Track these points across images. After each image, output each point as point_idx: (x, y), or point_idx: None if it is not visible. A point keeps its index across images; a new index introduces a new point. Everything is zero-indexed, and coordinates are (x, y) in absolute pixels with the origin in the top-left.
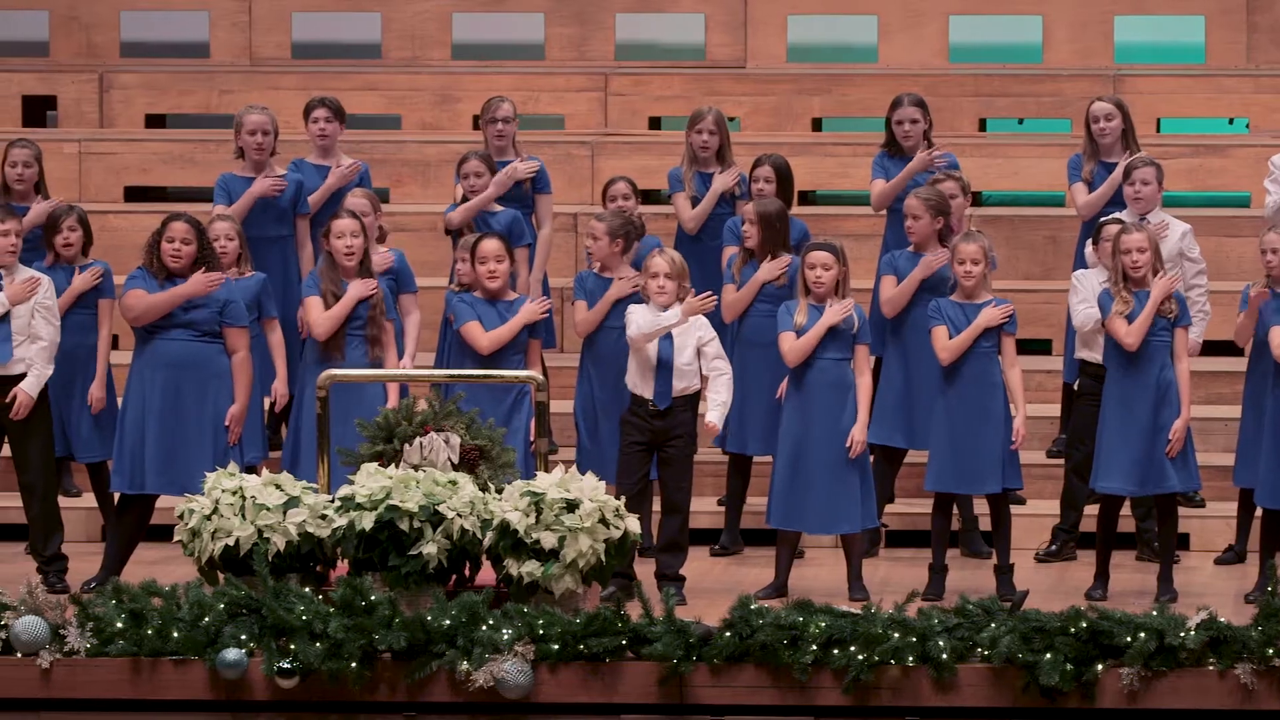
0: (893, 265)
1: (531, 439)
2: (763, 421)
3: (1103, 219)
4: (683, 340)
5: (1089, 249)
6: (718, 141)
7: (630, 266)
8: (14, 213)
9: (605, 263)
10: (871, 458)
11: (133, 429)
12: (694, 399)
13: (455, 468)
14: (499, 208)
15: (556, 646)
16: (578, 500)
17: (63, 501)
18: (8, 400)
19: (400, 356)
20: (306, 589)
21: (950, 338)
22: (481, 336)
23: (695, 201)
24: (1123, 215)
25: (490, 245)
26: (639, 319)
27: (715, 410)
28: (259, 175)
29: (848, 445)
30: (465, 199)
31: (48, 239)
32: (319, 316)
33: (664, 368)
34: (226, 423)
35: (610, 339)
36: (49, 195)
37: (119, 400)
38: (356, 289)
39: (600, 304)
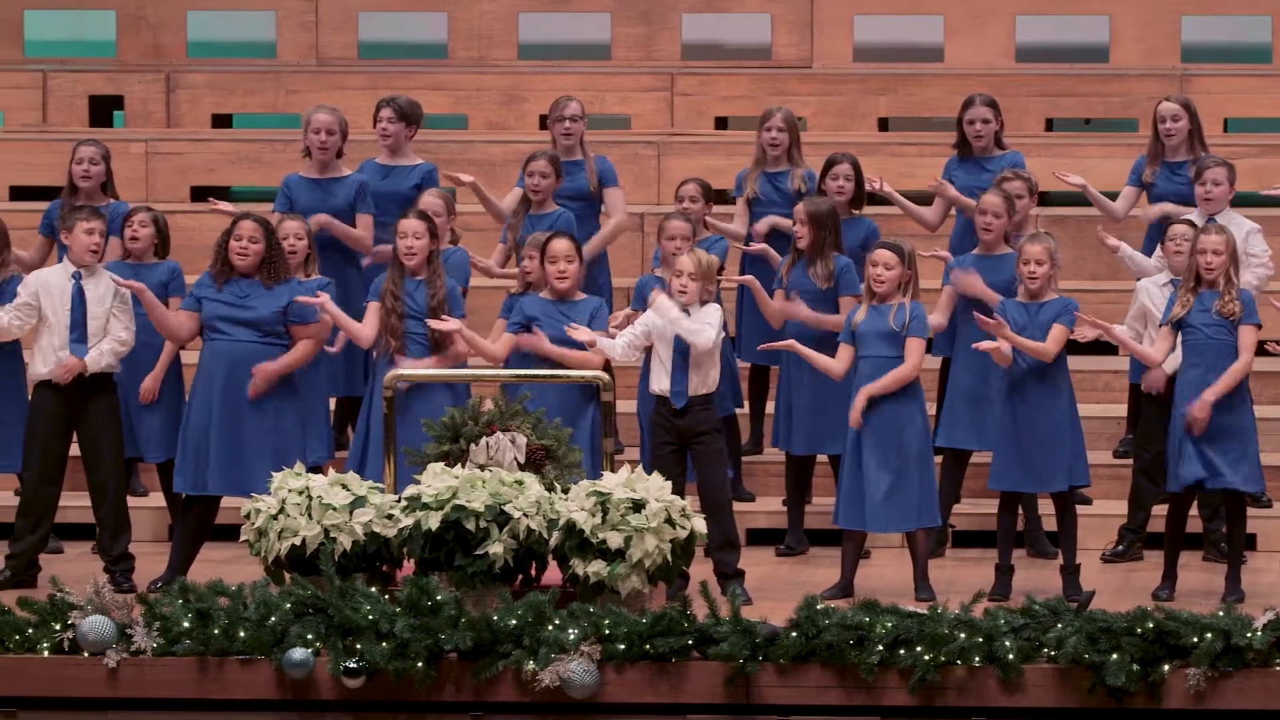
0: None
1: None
2: (810, 421)
3: (1173, 219)
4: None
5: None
6: (787, 140)
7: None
8: (99, 214)
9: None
10: (939, 459)
11: (196, 430)
12: (714, 396)
13: (521, 467)
14: (554, 207)
15: (622, 646)
16: (644, 500)
17: (130, 501)
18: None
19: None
20: (373, 589)
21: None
22: (499, 348)
23: (755, 202)
24: (1192, 216)
25: (561, 245)
26: (663, 312)
27: (609, 338)
28: (322, 175)
29: (852, 414)
30: (525, 198)
31: (120, 233)
32: (355, 329)
33: (679, 368)
34: (252, 372)
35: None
36: (117, 195)
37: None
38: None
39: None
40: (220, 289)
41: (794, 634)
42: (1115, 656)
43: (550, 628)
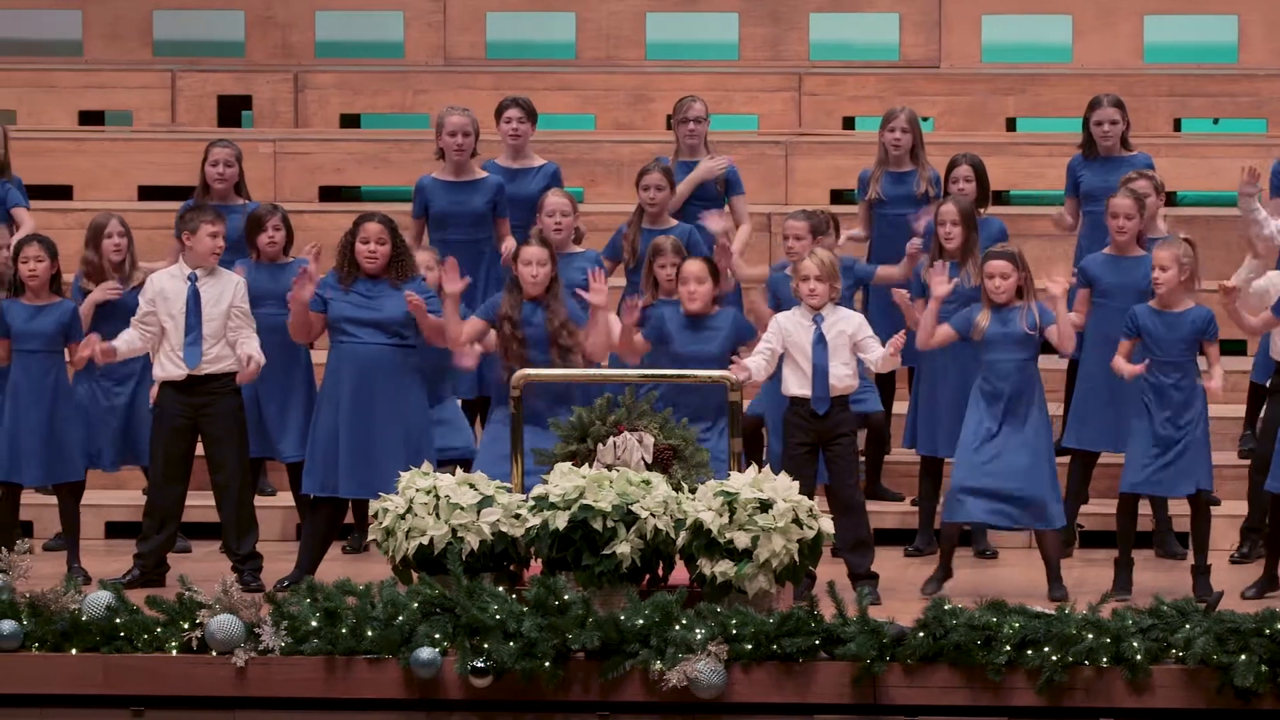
0: (1085, 275)
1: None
2: (950, 423)
3: None
4: (836, 343)
5: None
6: (910, 141)
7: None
8: (222, 215)
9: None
10: (1065, 459)
11: (325, 432)
12: (849, 397)
13: (649, 467)
14: (672, 221)
15: (750, 646)
16: (771, 500)
17: (258, 501)
18: (239, 371)
19: None
20: (500, 588)
21: (1148, 347)
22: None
23: (877, 204)
24: None
25: (694, 267)
26: (786, 324)
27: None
28: (458, 177)
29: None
30: (640, 210)
31: (250, 238)
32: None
33: (819, 374)
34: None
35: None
36: (249, 196)
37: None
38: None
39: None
40: (347, 290)
41: (921, 634)
42: (1244, 658)
43: (677, 627)
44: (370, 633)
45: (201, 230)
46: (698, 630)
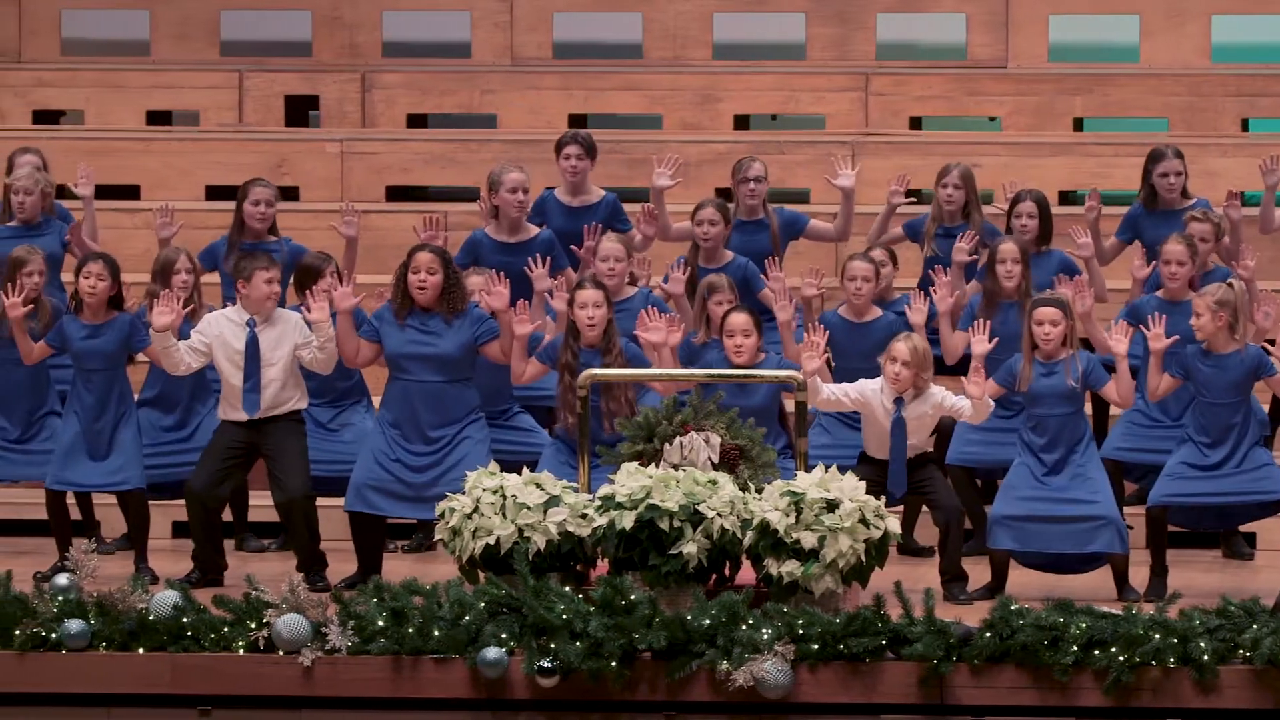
0: (1135, 316)
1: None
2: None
3: None
4: (916, 425)
5: None
6: (963, 197)
7: None
8: (276, 261)
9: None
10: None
11: (380, 456)
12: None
13: (715, 467)
14: (728, 256)
15: (816, 646)
16: (838, 500)
17: (321, 500)
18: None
19: None
20: (567, 588)
21: (1197, 389)
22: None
23: (932, 260)
24: None
25: (739, 320)
26: (870, 398)
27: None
28: (513, 237)
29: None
30: (695, 245)
31: (303, 284)
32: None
33: (896, 458)
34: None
35: (849, 336)
36: (279, 234)
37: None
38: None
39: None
40: (403, 324)
41: (988, 634)
42: None
43: (744, 627)
44: (437, 632)
45: (256, 278)
46: (764, 630)
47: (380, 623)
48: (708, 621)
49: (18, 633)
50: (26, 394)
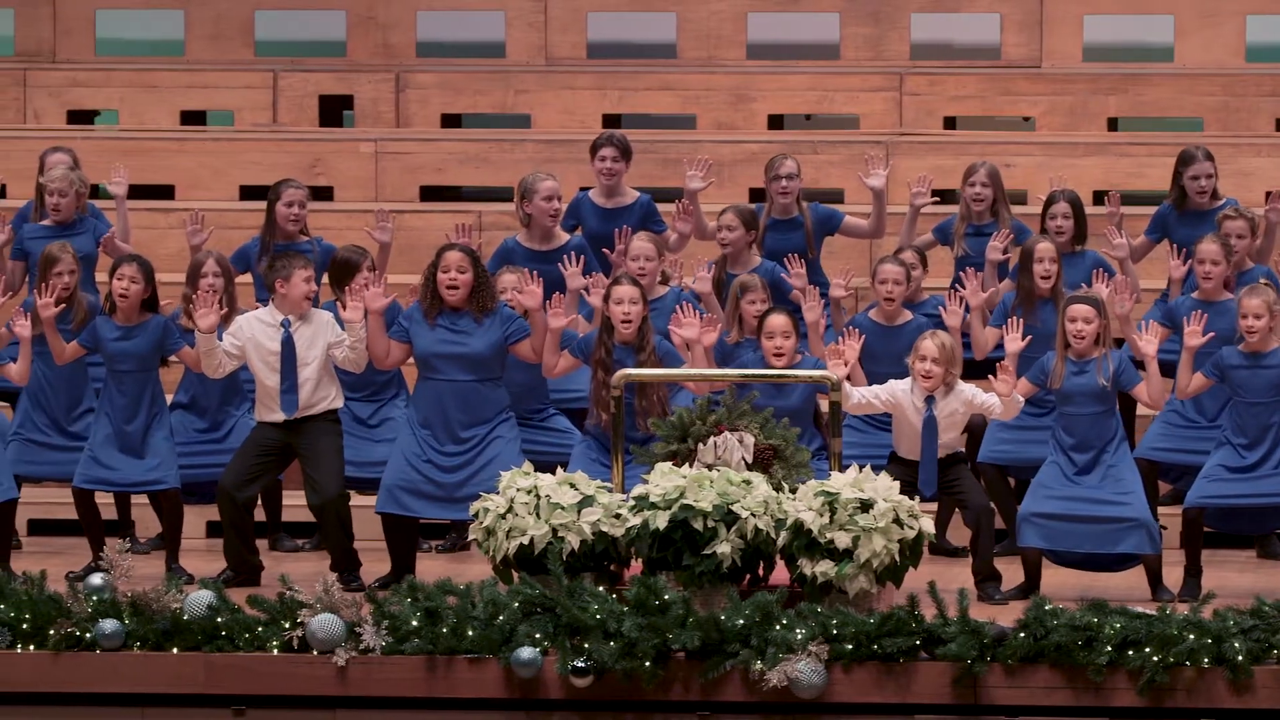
0: (1170, 317)
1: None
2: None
3: None
4: (947, 423)
5: None
6: (991, 195)
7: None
8: (312, 260)
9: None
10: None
11: (412, 458)
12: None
13: (749, 467)
14: (756, 260)
15: (850, 646)
16: (872, 500)
17: (355, 500)
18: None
19: None
20: (601, 588)
21: (1234, 390)
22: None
23: (962, 260)
24: None
25: (779, 322)
26: (901, 398)
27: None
28: (545, 245)
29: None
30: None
31: (339, 280)
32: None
33: (928, 458)
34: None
35: (880, 339)
36: (310, 235)
37: None
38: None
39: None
40: (432, 324)
41: (1022, 634)
42: None
43: (778, 627)
44: (471, 632)
45: (295, 277)
46: (798, 630)
47: (414, 622)
48: (741, 621)
49: (52, 632)
50: (64, 392)
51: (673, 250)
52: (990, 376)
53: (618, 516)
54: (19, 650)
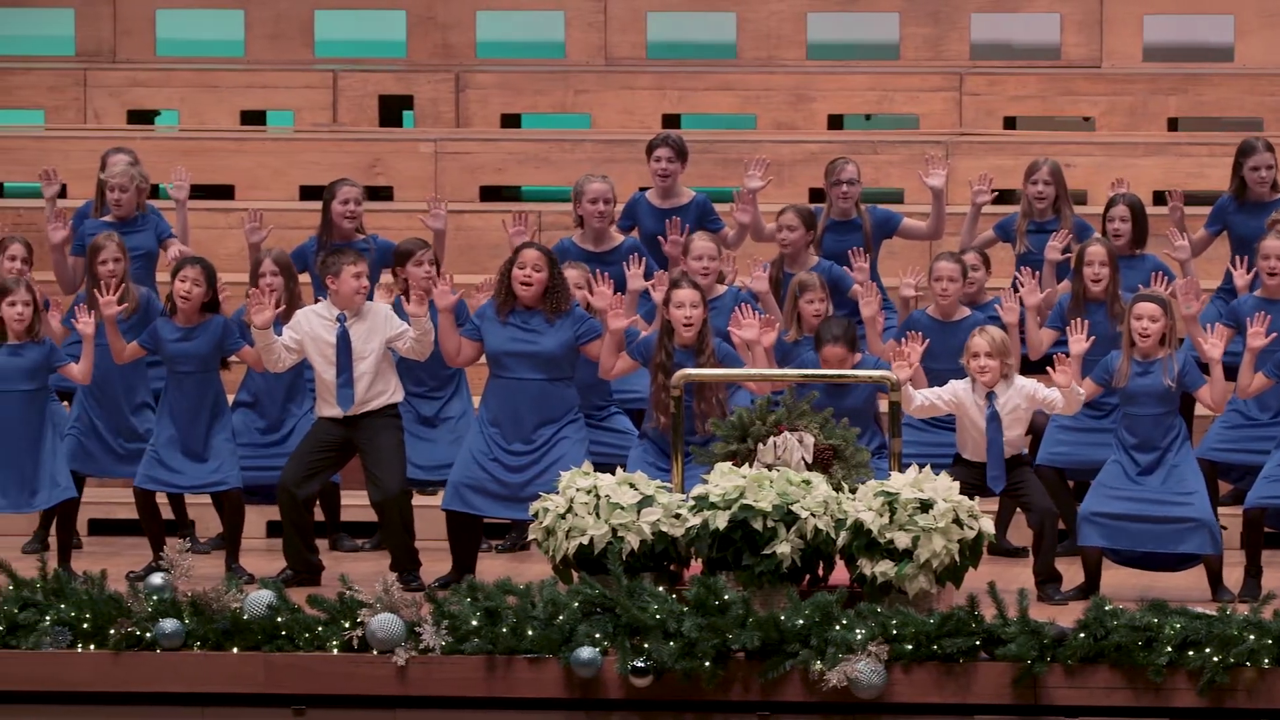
0: (1234, 316)
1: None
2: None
3: None
4: (1011, 418)
5: None
6: (1053, 193)
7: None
8: (363, 255)
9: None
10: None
11: (479, 455)
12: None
13: (809, 467)
14: (813, 260)
15: (910, 646)
16: (931, 500)
17: (415, 500)
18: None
19: None
20: (660, 588)
21: None
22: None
23: (1024, 257)
24: None
25: (835, 353)
26: (963, 397)
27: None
28: (598, 246)
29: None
30: (781, 255)
31: (399, 266)
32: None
33: (995, 453)
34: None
35: (937, 336)
36: (366, 233)
37: None
38: None
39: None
40: (504, 322)
41: (1082, 635)
42: None
43: (838, 628)
44: (531, 632)
45: (344, 272)
46: (858, 630)
47: (474, 622)
48: (801, 622)
49: (112, 632)
50: (121, 389)
51: (731, 247)
52: (1049, 369)
53: (677, 516)
54: (79, 650)
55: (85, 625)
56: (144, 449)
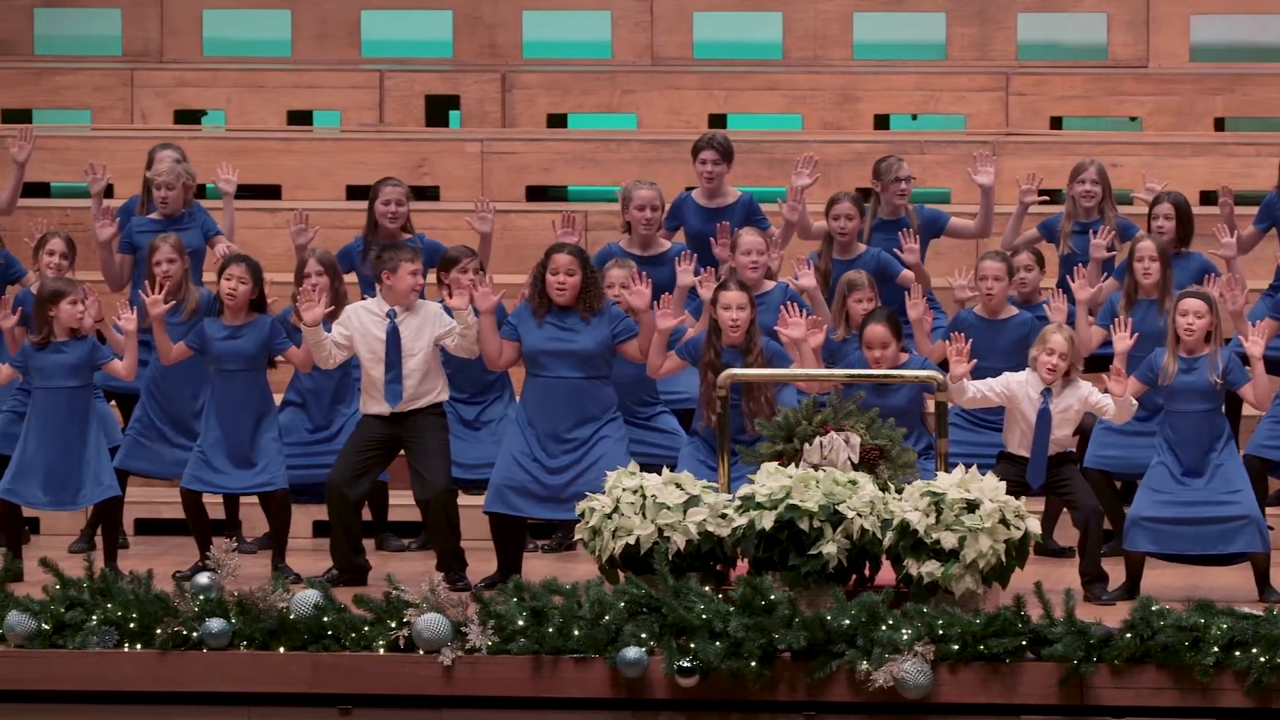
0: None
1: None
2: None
3: None
4: (1061, 418)
5: None
6: (1100, 193)
7: None
8: (419, 252)
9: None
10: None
11: (520, 457)
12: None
13: (855, 467)
14: (861, 248)
15: (956, 647)
16: (978, 500)
17: (461, 500)
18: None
19: None
20: (706, 588)
21: None
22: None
23: (1069, 258)
24: None
25: (878, 332)
26: (1016, 390)
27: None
28: (645, 251)
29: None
30: (829, 238)
31: (444, 271)
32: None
33: (1039, 450)
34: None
35: (984, 334)
36: (412, 232)
37: None
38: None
39: None
40: (541, 323)
41: (1128, 635)
42: None
43: (884, 628)
44: (577, 632)
45: (402, 269)
46: (904, 630)
47: (520, 622)
48: (847, 622)
49: (159, 632)
50: (185, 387)
51: (778, 245)
52: (1104, 375)
53: (723, 516)
54: (126, 649)
55: (132, 625)
56: None
